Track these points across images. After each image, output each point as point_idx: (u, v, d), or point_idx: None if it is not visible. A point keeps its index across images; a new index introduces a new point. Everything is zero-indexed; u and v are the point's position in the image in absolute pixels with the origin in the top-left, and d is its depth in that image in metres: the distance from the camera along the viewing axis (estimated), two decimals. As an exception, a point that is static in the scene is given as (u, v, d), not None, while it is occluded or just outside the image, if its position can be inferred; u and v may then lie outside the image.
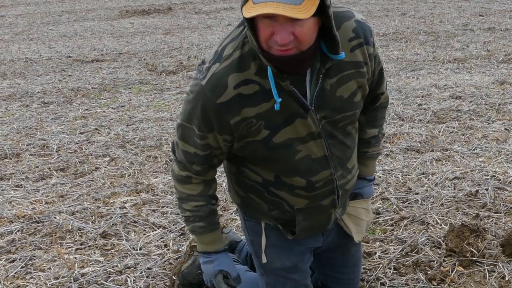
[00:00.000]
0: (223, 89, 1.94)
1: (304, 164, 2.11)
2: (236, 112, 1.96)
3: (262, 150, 2.06)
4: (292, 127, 2.02)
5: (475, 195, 3.73)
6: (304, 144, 2.07)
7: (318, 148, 2.10)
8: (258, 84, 1.95)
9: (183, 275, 2.80)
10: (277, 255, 2.39)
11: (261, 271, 2.46)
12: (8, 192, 4.14)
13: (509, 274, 2.85)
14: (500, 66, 7.51)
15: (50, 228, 3.55)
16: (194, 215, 2.25)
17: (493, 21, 11.23)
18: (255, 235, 2.40)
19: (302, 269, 2.43)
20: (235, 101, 1.95)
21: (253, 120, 1.99)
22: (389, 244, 3.21)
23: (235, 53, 1.95)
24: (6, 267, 3.16)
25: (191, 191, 2.23)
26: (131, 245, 3.32)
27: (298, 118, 2.01)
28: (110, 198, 3.96)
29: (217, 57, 1.98)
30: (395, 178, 4.09)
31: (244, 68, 1.94)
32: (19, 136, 5.40)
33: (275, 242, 2.37)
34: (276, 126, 2.01)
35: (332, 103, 2.04)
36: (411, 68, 7.56)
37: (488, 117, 5.36)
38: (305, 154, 2.09)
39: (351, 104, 2.09)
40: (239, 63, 1.94)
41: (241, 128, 2.00)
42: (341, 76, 2.02)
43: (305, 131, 2.04)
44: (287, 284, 2.42)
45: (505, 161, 4.30)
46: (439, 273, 2.88)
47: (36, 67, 8.78)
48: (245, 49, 1.94)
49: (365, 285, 2.84)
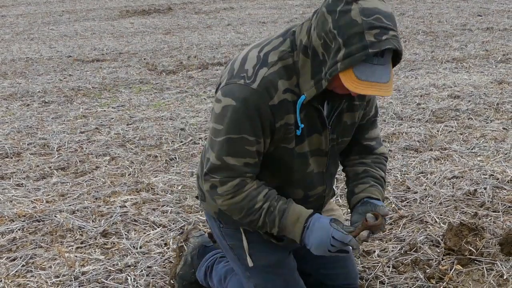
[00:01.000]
0: (275, 91, 2.06)
1: (308, 177, 2.27)
2: (283, 115, 2.10)
3: (286, 156, 2.19)
4: (309, 139, 2.19)
5: (474, 194, 3.75)
6: (312, 158, 2.23)
7: (319, 164, 2.27)
8: (298, 95, 2.09)
9: (180, 277, 2.80)
10: (261, 253, 2.40)
11: (246, 274, 2.44)
12: (9, 191, 4.15)
13: (507, 272, 2.85)
14: (498, 65, 7.53)
15: (51, 227, 3.55)
16: (271, 201, 2.19)
17: (492, 21, 11.26)
18: (235, 240, 2.41)
19: (288, 263, 2.46)
20: (283, 105, 2.08)
21: (292, 127, 2.13)
22: (388, 243, 3.22)
23: (280, 62, 2.08)
24: (7, 265, 3.16)
25: (251, 189, 2.18)
26: (131, 243, 3.33)
27: (315, 133, 2.19)
28: (111, 197, 3.97)
29: (262, 62, 2.09)
30: (394, 177, 4.10)
31: (289, 77, 2.08)
32: (20, 136, 5.41)
33: (258, 240, 2.38)
34: (302, 137, 2.17)
35: (341, 126, 2.25)
36: (410, 68, 7.58)
37: (486, 116, 5.38)
38: (312, 168, 2.26)
39: (351, 131, 2.32)
40: (284, 71, 2.08)
41: (281, 133, 2.13)
42: (351, 104, 2.24)
43: (316, 146, 2.21)
44: (276, 280, 2.42)
45: (503, 160, 4.32)
46: (437, 271, 2.89)
47: (36, 66, 8.79)
48: (289, 61, 2.08)
49: (364, 284, 2.85)
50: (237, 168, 2.13)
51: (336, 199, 3.75)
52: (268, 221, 2.19)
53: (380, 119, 5.40)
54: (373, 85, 1.92)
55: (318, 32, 1.98)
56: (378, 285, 2.83)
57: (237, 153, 2.11)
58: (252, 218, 2.19)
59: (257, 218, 2.19)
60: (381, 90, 1.93)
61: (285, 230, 2.21)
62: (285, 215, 2.18)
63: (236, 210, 2.20)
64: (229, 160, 2.12)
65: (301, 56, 2.06)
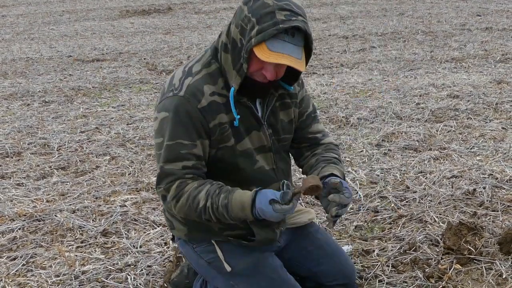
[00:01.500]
0: (201, 95, 2.24)
1: (260, 174, 2.39)
2: (214, 116, 2.25)
3: (229, 156, 2.32)
4: (250, 137, 2.35)
5: (473, 194, 3.76)
6: (259, 155, 2.38)
7: (268, 160, 2.42)
8: (226, 97, 2.27)
9: (173, 283, 2.82)
10: (238, 257, 2.45)
11: (229, 282, 2.48)
12: (10, 191, 4.17)
13: (506, 272, 2.86)
14: (497, 65, 7.55)
15: (51, 226, 3.57)
16: (212, 198, 2.24)
17: (491, 21, 11.28)
18: (210, 253, 2.48)
19: (268, 263, 2.48)
20: (212, 106, 2.25)
21: (226, 126, 2.28)
22: (388, 242, 3.23)
23: (204, 70, 2.29)
24: (8, 264, 3.18)
25: (192, 189, 2.25)
26: (131, 243, 3.34)
27: (254, 130, 2.36)
28: (111, 197, 3.98)
29: (187, 74, 2.29)
30: (393, 176, 4.12)
31: (214, 82, 2.27)
32: (20, 135, 5.43)
33: (231, 248, 2.46)
34: (240, 134, 2.32)
35: (278, 123, 2.43)
36: (409, 68, 7.60)
37: (485, 116, 5.39)
38: (261, 164, 2.39)
39: (291, 129, 2.48)
40: (209, 77, 2.27)
41: (217, 133, 2.27)
42: (283, 102, 2.43)
43: (259, 143, 2.38)
44: (261, 281, 2.44)
45: (502, 159, 4.33)
46: (437, 270, 2.90)
47: (37, 66, 8.81)
48: (212, 68, 2.29)
49: (364, 283, 2.86)
50: (176, 172, 2.25)
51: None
52: (219, 217, 2.27)
53: (380, 119, 5.43)
54: (285, 56, 2.10)
55: (236, 22, 2.18)
56: (377, 284, 2.85)
57: (175, 159, 2.24)
58: (206, 217, 2.28)
59: (208, 216, 2.27)
60: (293, 62, 2.11)
61: (238, 219, 2.28)
62: (230, 209, 2.24)
63: (189, 213, 2.29)
64: (168, 166, 2.25)
65: (223, 54, 2.25)
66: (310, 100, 2.57)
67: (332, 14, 13.61)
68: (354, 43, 9.79)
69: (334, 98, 6.28)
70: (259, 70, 2.20)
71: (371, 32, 10.75)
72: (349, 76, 7.38)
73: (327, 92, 6.55)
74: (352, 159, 4.49)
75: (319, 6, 15.09)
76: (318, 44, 9.77)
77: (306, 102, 2.54)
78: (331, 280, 2.64)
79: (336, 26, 11.74)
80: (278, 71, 2.21)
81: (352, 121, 5.42)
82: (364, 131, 5.15)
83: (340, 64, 8.15)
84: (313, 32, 10.96)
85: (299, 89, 2.51)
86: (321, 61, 8.42)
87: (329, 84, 7.00)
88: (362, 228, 3.43)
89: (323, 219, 3.48)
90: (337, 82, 7.07)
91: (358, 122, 5.40)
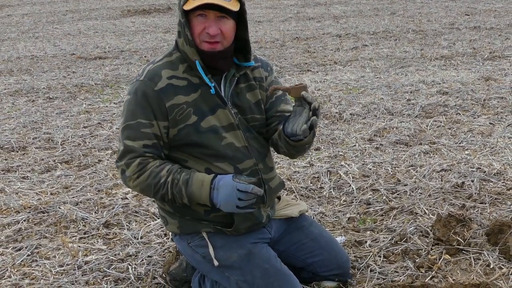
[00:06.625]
0: (158, 78, 2.37)
1: (230, 150, 2.45)
2: (171, 97, 2.36)
3: (193, 134, 2.40)
4: (216, 116, 2.43)
5: (461, 187, 3.80)
6: (227, 133, 2.45)
7: (238, 138, 2.47)
8: (187, 79, 2.41)
9: (171, 274, 2.86)
10: (229, 250, 2.52)
11: (225, 275, 2.54)
12: (15, 184, 4.21)
13: (494, 262, 2.90)
14: (485, 63, 7.62)
15: (55, 218, 3.61)
16: (174, 174, 2.35)
17: (479, 20, 11.36)
18: (203, 248, 2.55)
19: (260, 253, 2.53)
20: (169, 88, 2.37)
21: (183, 106, 2.38)
22: (379, 233, 3.27)
23: (165, 58, 2.44)
24: (13, 255, 3.22)
25: (154, 167, 2.36)
26: (132, 234, 3.38)
27: (219, 108, 2.44)
28: (113, 189, 4.03)
29: (149, 63, 2.46)
30: (384, 170, 4.17)
31: (174, 68, 2.41)
32: (25, 130, 5.48)
33: (222, 241, 2.53)
34: (203, 113, 2.41)
35: (244, 103, 2.50)
36: (400, 65, 7.66)
37: (473, 111, 5.45)
38: (229, 141, 2.45)
39: (260, 109, 2.55)
40: (169, 64, 2.42)
41: (174, 113, 2.37)
42: (249, 84, 2.52)
43: (226, 121, 2.45)
44: (254, 271, 2.50)
45: (490, 153, 4.38)
46: (426, 261, 2.93)
47: (41, 64, 8.85)
48: (173, 57, 2.44)
49: (356, 273, 2.89)
50: (137, 149, 2.36)
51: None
52: (176, 193, 2.35)
53: (372, 115, 5.49)
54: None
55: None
56: (369, 273, 2.87)
57: (135, 137, 2.36)
58: (162, 193, 2.37)
59: (165, 192, 2.36)
60: (220, 1, 2.23)
61: (194, 198, 2.35)
62: (190, 183, 2.34)
63: (146, 189, 2.38)
64: (129, 143, 2.36)
65: (179, 40, 2.41)
66: (278, 83, 2.61)
67: (326, 13, 13.67)
68: (347, 41, 9.85)
69: (327, 94, 6.34)
70: (203, 32, 2.31)
71: (364, 31, 10.81)
72: (342, 74, 7.44)
73: (321, 89, 6.61)
74: (345, 153, 4.53)
75: (314, 6, 15.16)
76: (312, 43, 9.84)
77: (275, 85, 2.54)
78: (326, 270, 2.71)
79: (330, 25, 11.79)
80: (221, 27, 2.31)
81: (345, 117, 5.47)
82: (357, 126, 5.21)
83: (334, 62, 8.21)
84: (308, 31, 11.05)
85: (267, 74, 2.59)
86: (315, 59, 8.48)
87: (323, 81, 7.05)
88: (354, 219, 3.46)
89: (316, 212, 3.54)
90: (330, 79, 7.13)
91: (351, 118, 5.45)
